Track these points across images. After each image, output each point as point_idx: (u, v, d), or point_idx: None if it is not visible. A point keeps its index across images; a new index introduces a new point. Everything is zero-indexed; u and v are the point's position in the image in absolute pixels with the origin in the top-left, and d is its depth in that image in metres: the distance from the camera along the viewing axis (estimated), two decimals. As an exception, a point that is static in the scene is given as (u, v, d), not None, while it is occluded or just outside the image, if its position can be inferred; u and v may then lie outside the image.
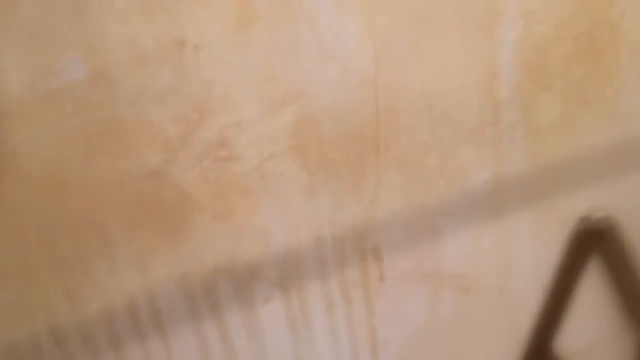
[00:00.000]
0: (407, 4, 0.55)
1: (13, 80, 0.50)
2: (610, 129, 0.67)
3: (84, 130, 0.52)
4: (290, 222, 0.61)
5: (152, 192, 0.56)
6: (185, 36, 0.51)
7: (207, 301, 0.61)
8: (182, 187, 0.56)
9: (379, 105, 0.58)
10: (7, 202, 0.53)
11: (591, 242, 0.69)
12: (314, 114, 0.57)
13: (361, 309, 0.66)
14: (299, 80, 0.55)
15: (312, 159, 0.59)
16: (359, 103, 0.58)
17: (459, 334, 0.71)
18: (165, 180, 0.56)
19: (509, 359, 0.75)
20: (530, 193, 0.67)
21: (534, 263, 0.70)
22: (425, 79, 0.59)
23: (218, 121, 0.55)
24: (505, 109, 0.62)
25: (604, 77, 0.63)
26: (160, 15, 0.50)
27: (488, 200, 0.66)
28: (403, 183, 0.62)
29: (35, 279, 0.55)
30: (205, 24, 0.51)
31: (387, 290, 0.67)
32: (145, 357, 0.61)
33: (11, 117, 0.51)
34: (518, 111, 0.63)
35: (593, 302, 0.74)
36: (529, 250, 0.69)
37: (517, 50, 0.59)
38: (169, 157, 0.55)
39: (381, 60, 0.57)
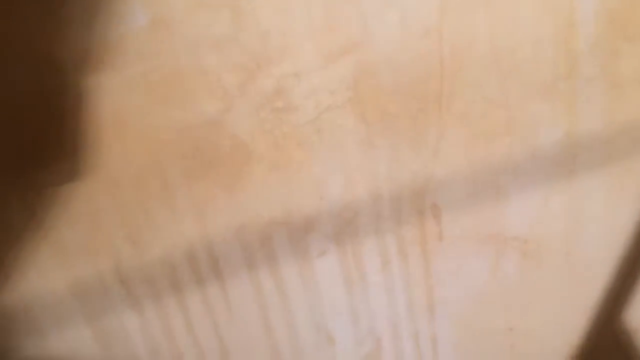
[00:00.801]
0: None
1: (77, 28, 0.51)
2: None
3: (145, 78, 0.53)
4: (346, 175, 0.60)
5: (210, 142, 0.56)
6: (242, -18, 0.50)
7: (263, 251, 0.62)
8: (239, 137, 0.56)
9: (443, 55, 0.56)
10: (72, 146, 0.55)
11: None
12: (373, 65, 0.55)
13: (418, 267, 0.65)
14: (359, 29, 0.53)
15: (371, 111, 0.57)
16: (422, 53, 0.55)
17: (521, 299, 0.68)
18: (222, 130, 0.56)
19: (572, 329, 0.72)
20: (606, 154, 0.62)
21: (606, 229, 0.66)
22: (494, 29, 0.55)
23: (275, 71, 0.54)
24: (582, 62, 0.58)
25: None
26: (218, -39, 0.49)
27: (558, 160, 0.62)
28: (466, 139, 0.60)
29: (100, 221, 0.58)
30: (262, -30, 0.50)
31: (445, 250, 0.65)
32: (205, 302, 0.63)
33: (74, 65, 0.52)
34: (597, 64, 0.58)
35: (672, 273, 0.69)
36: (601, 216, 0.65)
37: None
38: (226, 107, 0.55)
39: (447, 8, 0.54)
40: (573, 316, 0.71)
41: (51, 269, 0.58)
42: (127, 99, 0.54)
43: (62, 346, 0.63)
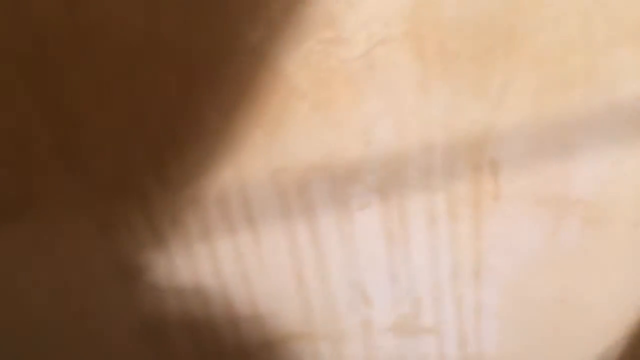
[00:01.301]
0: None
1: None
2: None
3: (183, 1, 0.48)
4: (397, 120, 0.54)
5: (249, 73, 0.51)
6: None
7: (300, 200, 0.57)
8: (281, 70, 0.51)
9: (519, -12, 0.48)
10: (99, 72, 0.50)
11: None
12: (437, -5, 0.48)
13: (468, 228, 0.59)
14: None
15: (430, 48, 0.51)
16: (495, -17, 0.48)
17: (577, 270, 0.62)
18: (263, 61, 0.50)
19: (631, 306, 0.66)
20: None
21: (686, 199, 0.59)
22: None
23: (326, -5, 0.48)
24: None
25: None
26: None
27: (639, 118, 0.55)
28: (536, 87, 0.53)
29: (129, 159, 0.54)
30: None
31: (500, 211, 0.59)
32: (235, 249, 0.59)
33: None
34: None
35: None
36: (683, 183, 0.58)
37: None
38: (270, 35, 0.49)
39: None
40: (633, 293, 0.65)
41: (78, 204, 0.55)
42: (163, 23, 0.48)
43: (84, 283, 0.60)
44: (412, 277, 0.62)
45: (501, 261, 0.61)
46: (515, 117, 0.54)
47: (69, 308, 0.63)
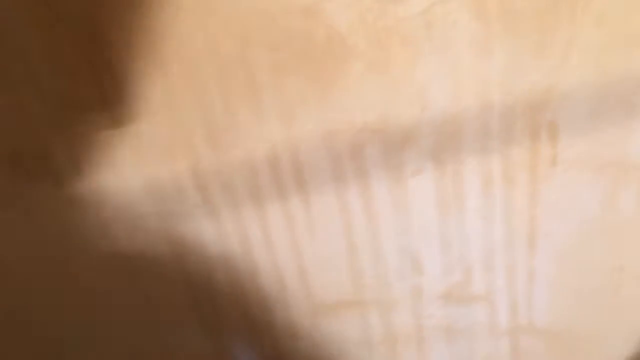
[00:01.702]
0: None
1: None
2: None
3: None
4: (454, 81, 0.52)
5: (304, 32, 0.50)
6: None
7: (352, 164, 0.56)
8: (337, 28, 0.49)
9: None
10: (152, 32, 0.50)
11: None
12: (501, -53, 0.47)
13: (524, 194, 0.58)
14: None
15: (491, 6, 0.49)
16: None
17: (638, 237, 0.60)
18: (319, 19, 0.49)
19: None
20: None
21: None
22: None
23: (386, -50, 0.46)
24: None
25: None
26: None
27: None
28: (601, 46, 0.51)
29: (179, 118, 0.53)
30: None
31: (557, 177, 0.57)
32: (285, 214, 0.58)
33: None
34: None
35: None
36: None
37: None
38: (325, -9, 0.48)
39: None
40: (693, 262, 0.63)
41: (126, 166, 0.55)
42: None
43: (133, 249, 0.60)
44: (465, 244, 0.60)
45: (557, 228, 0.60)
46: (577, 78, 0.52)
47: (119, 275, 0.63)
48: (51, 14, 0.48)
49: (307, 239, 0.59)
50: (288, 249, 0.60)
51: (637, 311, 0.64)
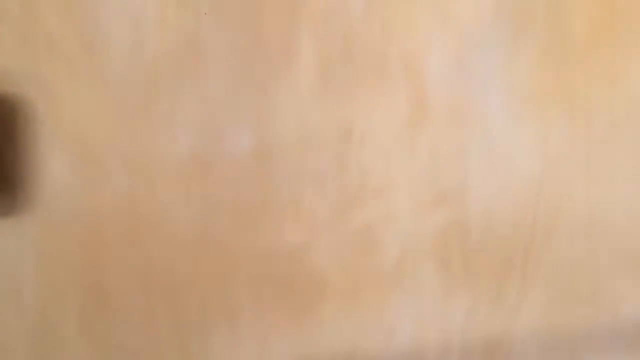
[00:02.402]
0: (585, 122, 0.51)
1: (181, 144, 0.51)
2: None
3: (235, 201, 0.52)
4: (420, 323, 0.57)
5: (287, 271, 0.55)
6: (353, 125, 0.50)
7: (319, 388, 0.58)
8: (318, 271, 0.55)
9: (536, 221, 0.55)
10: (141, 258, 0.54)
11: None
12: (465, 218, 0.54)
13: None
14: (458, 183, 0.53)
15: (455, 262, 0.56)
16: (515, 215, 0.54)
17: None
18: (303, 262, 0.55)
19: None
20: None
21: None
22: (591, 202, 0.55)
23: (368, 212, 0.53)
24: (675, 244, 0.57)
25: None
26: (334, 102, 0.49)
27: (637, 339, 0.59)
28: (547, 303, 0.58)
29: (154, 335, 0.56)
30: (375, 117, 0.50)
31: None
32: None
33: (169, 179, 0.52)
34: (690, 249, 0.57)
35: None
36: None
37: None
38: (312, 239, 0.54)
39: (547, 176, 0.53)
40: None
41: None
42: (214, 220, 0.53)
43: None
44: None
45: None
46: (528, 326, 0.59)
47: None
48: None
49: None
50: None
51: None
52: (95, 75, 0.49)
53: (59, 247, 0.52)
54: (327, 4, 0.45)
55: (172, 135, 0.51)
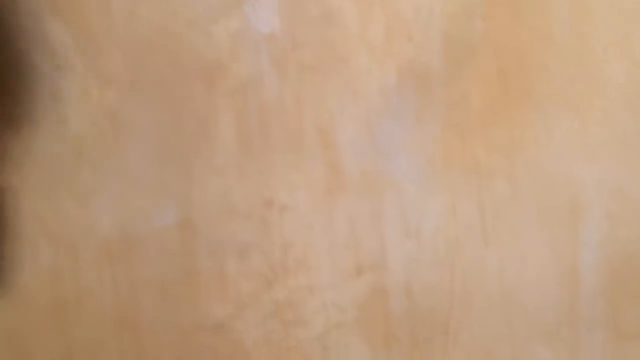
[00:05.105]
0: (491, 189, 0.56)
1: (104, 220, 0.52)
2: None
3: (161, 275, 0.53)
4: (346, 399, 0.57)
5: (212, 346, 0.54)
6: (273, 196, 0.53)
7: None
8: (243, 345, 0.55)
9: (453, 288, 0.57)
10: (64, 338, 0.53)
11: None
12: (386, 288, 0.56)
13: None
14: (377, 252, 0.55)
15: (378, 334, 0.57)
16: (433, 283, 0.57)
17: None
18: (227, 336, 0.54)
19: None
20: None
21: None
22: (504, 268, 0.57)
23: (291, 283, 0.54)
24: (584, 311, 0.60)
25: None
26: (254, 175, 0.52)
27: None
28: (471, 376, 0.58)
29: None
30: (294, 188, 0.53)
31: None
32: None
33: (93, 256, 0.52)
34: (599, 315, 0.60)
35: None
36: None
37: (600, 252, 0.58)
38: (237, 313, 0.54)
39: (460, 243, 0.56)
40: None
41: None
42: (138, 296, 0.53)
43: None
44: None
45: None
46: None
47: None
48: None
49: None
50: None
51: None
52: (20, 150, 0.50)
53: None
54: (243, 79, 0.49)
55: (97, 210, 0.52)
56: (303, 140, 0.51)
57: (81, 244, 0.52)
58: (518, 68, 0.52)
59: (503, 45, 0.51)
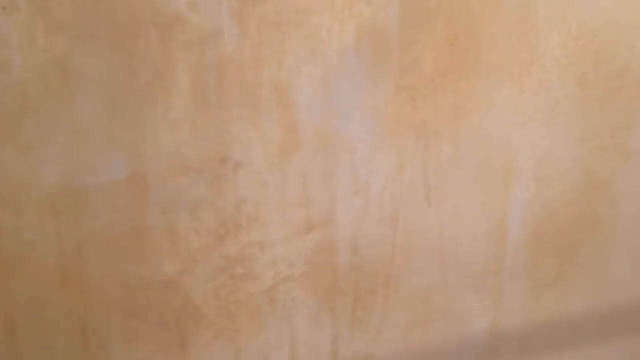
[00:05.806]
0: (435, 153, 0.58)
1: (49, 172, 0.50)
2: (601, 294, 0.69)
3: (108, 230, 0.52)
4: (291, 350, 0.59)
5: (161, 302, 0.54)
6: (228, 152, 0.52)
7: None
8: (192, 300, 0.55)
9: (396, 243, 0.60)
10: (5, 296, 0.51)
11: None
12: (333, 243, 0.58)
13: None
14: (327, 209, 0.57)
15: (324, 287, 0.59)
16: (378, 239, 0.59)
17: None
18: (176, 292, 0.54)
19: None
20: (525, 349, 0.67)
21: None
22: (442, 224, 0.61)
23: (242, 238, 0.55)
24: (509, 262, 0.65)
25: (600, 245, 0.67)
26: (209, 129, 0.51)
27: (486, 350, 0.66)
28: (407, 323, 0.62)
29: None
30: (249, 144, 0.53)
31: None
32: None
33: (36, 210, 0.50)
34: (521, 266, 0.65)
35: None
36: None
37: (527, 210, 0.63)
38: (186, 269, 0.54)
39: (405, 201, 0.59)
40: None
41: None
42: (84, 252, 0.51)
43: None
44: None
45: None
46: (390, 348, 0.63)
47: None
48: None
49: None
50: None
51: None
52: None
53: None
54: (201, 32, 0.48)
55: (41, 162, 0.49)
56: (260, 98, 0.51)
57: (23, 197, 0.49)
58: (468, 36, 0.54)
59: (457, 14, 0.53)
